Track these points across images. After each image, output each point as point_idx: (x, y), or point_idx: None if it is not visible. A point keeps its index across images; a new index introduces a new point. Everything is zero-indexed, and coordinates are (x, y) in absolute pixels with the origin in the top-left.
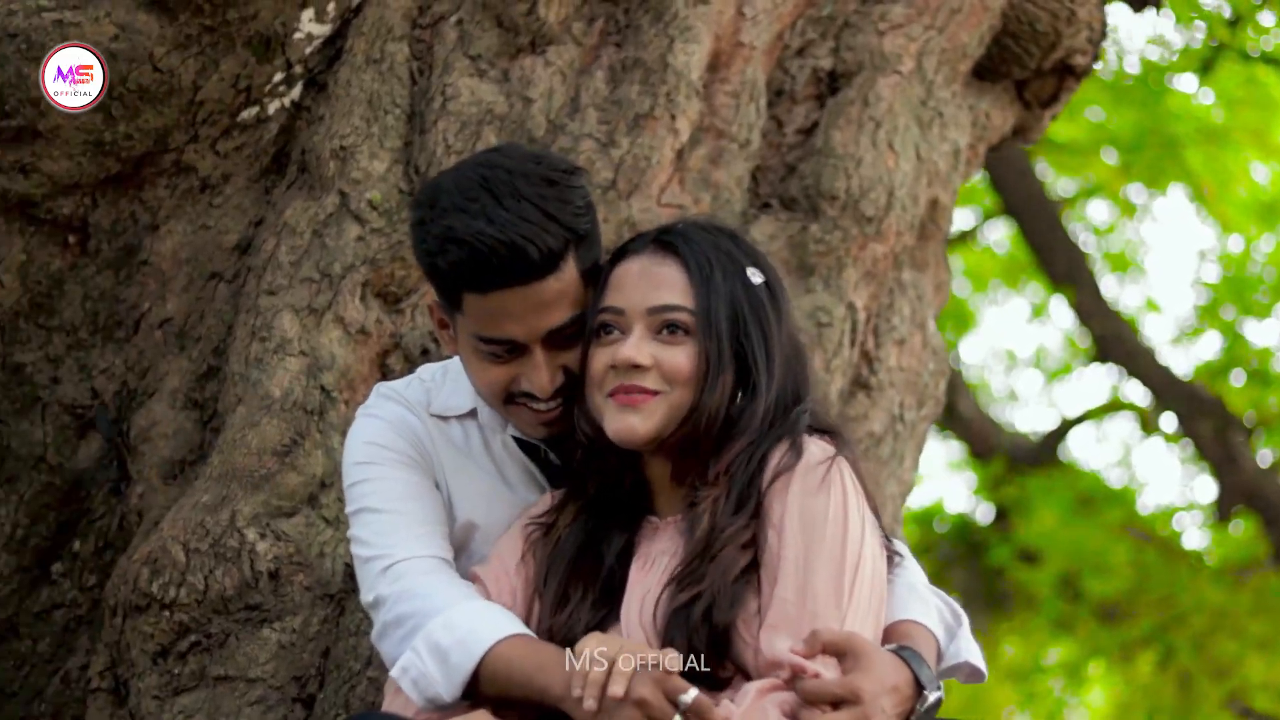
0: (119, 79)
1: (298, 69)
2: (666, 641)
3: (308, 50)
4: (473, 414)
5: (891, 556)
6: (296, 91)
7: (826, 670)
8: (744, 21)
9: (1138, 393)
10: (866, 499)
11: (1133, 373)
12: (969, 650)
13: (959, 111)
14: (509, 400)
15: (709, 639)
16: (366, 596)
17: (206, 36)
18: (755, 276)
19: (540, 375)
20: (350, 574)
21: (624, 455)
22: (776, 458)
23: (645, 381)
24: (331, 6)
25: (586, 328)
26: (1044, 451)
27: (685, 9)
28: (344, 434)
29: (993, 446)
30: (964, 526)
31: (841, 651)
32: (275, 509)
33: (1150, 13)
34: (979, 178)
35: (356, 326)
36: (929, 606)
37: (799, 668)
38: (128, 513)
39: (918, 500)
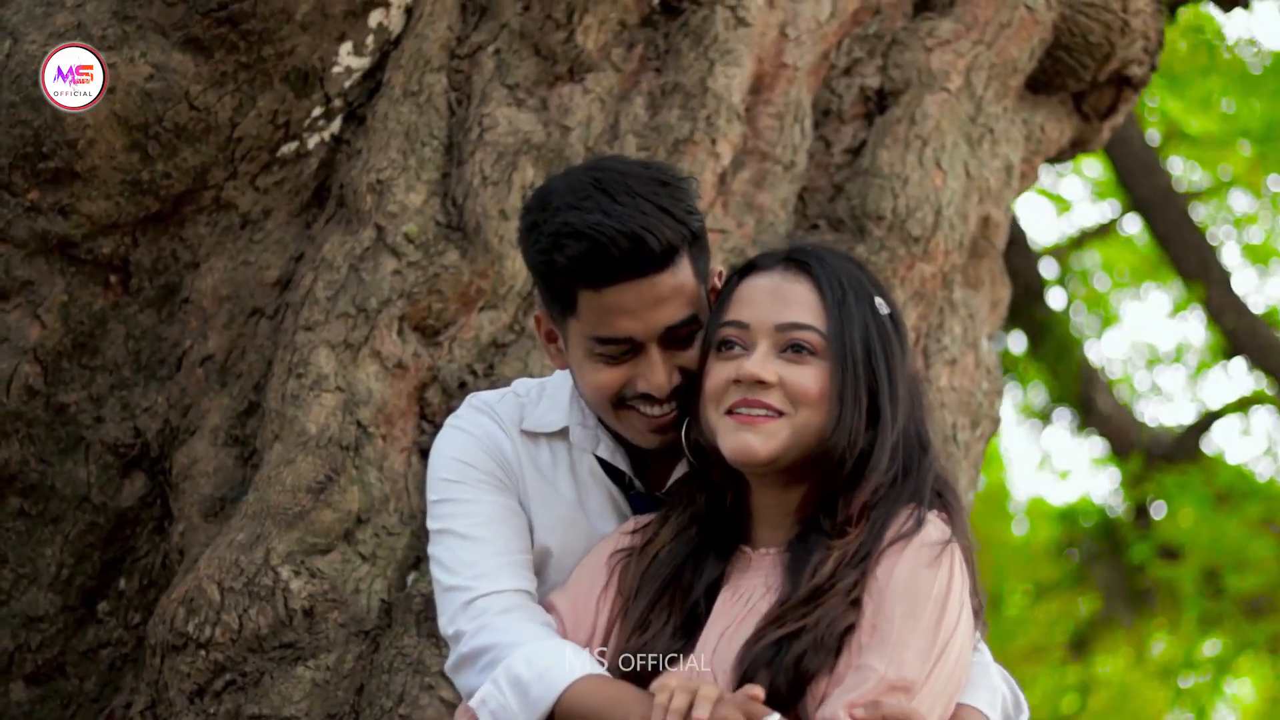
0: (155, 118)
1: (337, 103)
2: (745, 676)
3: (347, 84)
4: (563, 433)
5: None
6: (336, 125)
7: None
8: (787, 43)
9: None
10: (971, 581)
11: (1265, 367)
12: None
13: (1011, 127)
14: (620, 405)
15: (790, 683)
16: (446, 628)
17: (243, 74)
18: (883, 307)
19: (658, 374)
20: (386, 610)
21: (729, 477)
22: (899, 522)
23: (770, 399)
24: (370, 39)
25: (706, 341)
26: (1185, 446)
27: (725, 32)
28: (380, 469)
29: (1132, 442)
30: (1106, 523)
31: None
32: (310, 546)
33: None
34: (1106, 174)
35: (394, 360)
36: (995, 695)
37: None
38: (170, 551)
39: (1062, 497)
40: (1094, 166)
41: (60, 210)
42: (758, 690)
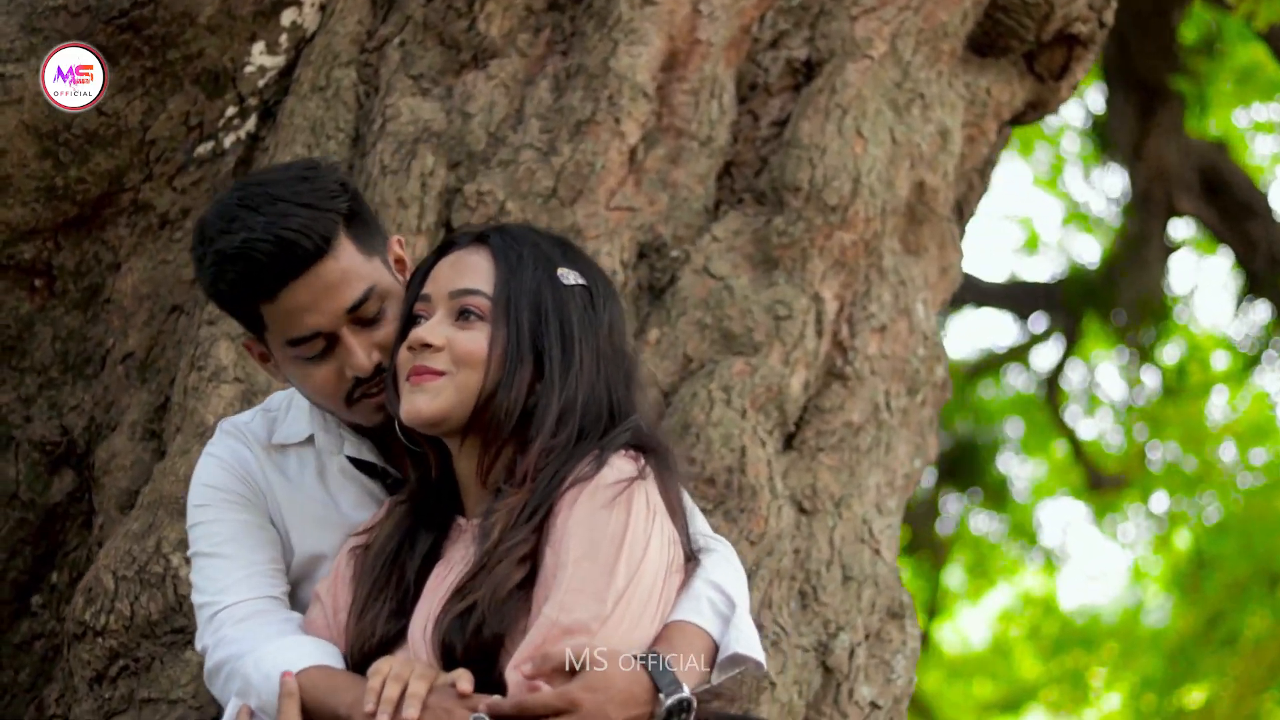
0: (64, 125)
1: (252, 101)
2: (444, 651)
3: (261, 83)
4: (311, 440)
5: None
6: (252, 123)
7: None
8: (700, 19)
9: None
10: (673, 518)
11: None
12: (737, 641)
13: (947, 91)
14: (350, 400)
15: (478, 653)
16: (197, 644)
17: (150, 78)
18: (568, 278)
19: (356, 356)
20: None
21: (433, 448)
22: (577, 470)
23: (435, 361)
24: (284, 38)
25: (402, 321)
26: None
27: (630, 11)
28: None
29: None
30: None
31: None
32: None
33: None
34: None
35: None
36: (699, 601)
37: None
38: (93, 544)
39: None
40: None
41: None
42: (466, 685)
